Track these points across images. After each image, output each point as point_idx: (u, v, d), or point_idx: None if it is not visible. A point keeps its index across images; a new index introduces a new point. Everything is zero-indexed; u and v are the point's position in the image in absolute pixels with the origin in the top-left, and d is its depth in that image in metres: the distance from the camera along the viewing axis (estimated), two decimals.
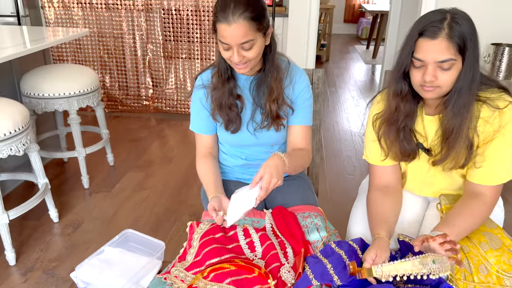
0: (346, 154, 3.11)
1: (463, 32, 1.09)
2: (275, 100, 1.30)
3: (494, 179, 1.21)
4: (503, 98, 1.18)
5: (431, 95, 1.15)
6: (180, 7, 3.47)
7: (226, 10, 1.14)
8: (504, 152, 1.19)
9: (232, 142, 1.43)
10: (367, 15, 7.51)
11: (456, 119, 1.16)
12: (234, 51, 1.19)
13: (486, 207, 1.23)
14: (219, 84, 1.32)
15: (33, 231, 2.16)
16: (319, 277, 1.11)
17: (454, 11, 1.12)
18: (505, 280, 1.14)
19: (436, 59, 1.09)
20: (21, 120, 1.88)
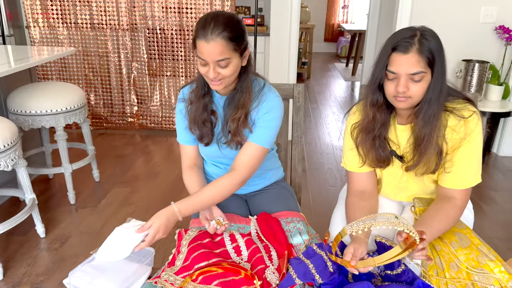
0: (327, 167, 3.21)
1: (431, 47, 1.20)
2: (238, 119, 1.34)
3: (463, 183, 1.31)
4: (467, 108, 1.28)
5: (404, 105, 1.25)
6: (165, 26, 3.56)
7: (206, 28, 1.21)
8: (470, 157, 1.30)
9: (206, 154, 1.50)
10: (346, 34, 7.75)
11: (427, 128, 1.26)
12: (211, 67, 1.25)
13: (457, 209, 1.32)
14: (195, 99, 1.39)
15: (19, 246, 2.17)
16: (302, 277, 1.17)
17: (423, 28, 1.23)
18: (474, 275, 1.22)
19: (408, 71, 1.20)
20: (10, 136, 1.92)
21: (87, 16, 3.56)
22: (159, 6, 3.51)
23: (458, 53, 3.37)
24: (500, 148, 3.52)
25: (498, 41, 3.32)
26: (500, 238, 2.34)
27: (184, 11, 3.51)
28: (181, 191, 2.79)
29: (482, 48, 3.35)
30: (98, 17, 3.56)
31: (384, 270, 1.26)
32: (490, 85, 3.33)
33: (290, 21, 3.47)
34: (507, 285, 1.20)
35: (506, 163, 3.37)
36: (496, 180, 3.10)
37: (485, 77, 3.25)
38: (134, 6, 3.53)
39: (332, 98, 5.22)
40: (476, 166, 1.31)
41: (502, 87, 3.31)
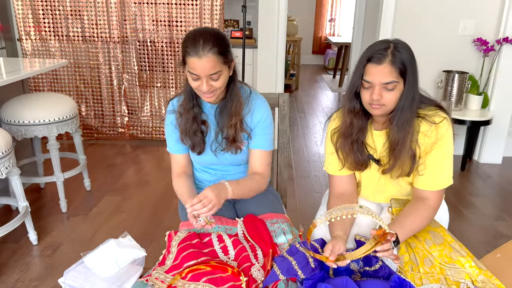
0: (314, 174, 3.30)
1: (403, 58, 1.30)
2: (234, 125, 1.45)
3: (436, 185, 1.40)
4: (439, 114, 1.38)
5: (378, 112, 1.35)
6: (155, 39, 3.65)
7: (197, 45, 1.29)
8: (442, 161, 1.39)
9: (199, 161, 1.58)
10: (333, 47, 7.92)
11: (400, 133, 1.35)
12: (204, 81, 1.33)
13: (430, 210, 1.41)
14: (184, 111, 1.47)
15: (12, 253, 2.21)
16: (285, 272, 1.25)
17: (396, 41, 1.33)
18: (447, 270, 1.31)
19: (381, 81, 1.29)
20: (4, 144, 1.97)
21: (79, 29, 3.64)
22: (149, 20, 3.60)
23: (438, 64, 3.51)
24: (480, 156, 3.64)
25: (477, 53, 3.47)
26: (479, 241, 2.43)
27: (174, 24, 3.60)
28: (171, 198, 2.85)
29: (462, 60, 3.49)
30: (90, 30, 3.64)
31: (363, 266, 1.34)
32: (469, 94, 3.46)
33: (277, 34, 3.59)
34: (477, 279, 1.29)
35: (486, 170, 3.49)
36: (476, 187, 3.21)
37: (465, 87, 3.39)
38: (125, 20, 3.61)
39: (320, 109, 5.34)
40: (447, 169, 1.40)
41: (481, 97, 3.45)
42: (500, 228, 2.57)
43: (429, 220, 1.42)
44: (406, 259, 1.35)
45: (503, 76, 3.40)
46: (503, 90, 3.44)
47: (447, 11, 3.39)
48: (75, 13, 3.62)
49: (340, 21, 8.27)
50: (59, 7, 3.58)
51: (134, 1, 3.56)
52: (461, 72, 3.38)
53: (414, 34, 3.45)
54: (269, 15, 3.57)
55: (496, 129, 3.53)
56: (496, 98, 3.47)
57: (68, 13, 3.60)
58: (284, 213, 1.60)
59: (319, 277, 1.24)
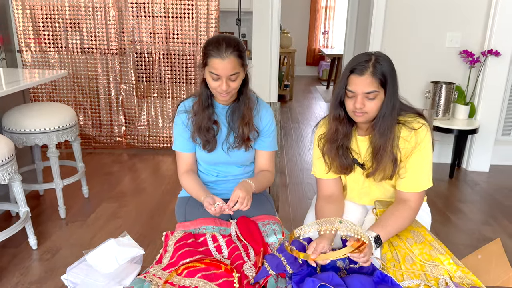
0: (307, 181, 3.39)
1: (383, 70, 1.40)
2: (247, 124, 1.59)
3: (416, 187, 1.50)
4: (418, 121, 1.48)
5: (361, 119, 1.44)
6: (152, 50, 3.76)
7: (220, 48, 1.44)
8: (421, 164, 1.48)
9: (208, 160, 1.67)
10: (326, 58, 8.06)
11: (382, 139, 1.45)
12: (223, 81, 1.47)
13: (411, 211, 1.50)
14: (199, 110, 1.58)
15: (12, 257, 2.27)
16: (274, 268, 1.33)
17: (377, 53, 1.43)
18: (427, 267, 1.39)
19: (363, 91, 1.39)
20: (7, 151, 2.05)
21: (78, 40, 3.74)
22: (147, 32, 3.71)
23: (426, 75, 3.63)
24: (469, 164, 3.75)
25: (463, 64, 3.60)
26: (465, 245, 2.52)
27: (170, 37, 3.71)
28: (168, 204, 2.93)
29: (449, 71, 3.62)
30: (88, 41, 3.74)
31: (348, 264, 1.42)
32: (457, 104, 3.58)
33: (270, 45, 3.71)
34: (455, 275, 1.38)
35: (474, 177, 3.59)
36: (464, 194, 3.31)
37: (452, 97, 3.51)
38: (123, 32, 3.72)
39: (313, 118, 5.45)
40: (427, 172, 1.49)
41: (468, 107, 3.57)
42: (485, 232, 2.67)
43: (410, 220, 1.50)
44: (389, 257, 1.43)
45: (488, 87, 3.53)
46: (489, 100, 3.56)
47: (434, 25, 3.52)
48: (75, 25, 3.72)
49: (333, 34, 8.45)
50: (58, 19, 3.69)
51: (132, 14, 3.67)
52: (448, 82, 3.50)
53: (402, 47, 3.58)
54: (263, 27, 3.70)
55: (483, 138, 3.65)
56: (482, 108, 3.59)
57: (67, 25, 3.71)
58: (275, 215, 1.69)
59: (306, 272, 1.32)
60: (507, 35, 3.40)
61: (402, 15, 3.52)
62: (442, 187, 3.38)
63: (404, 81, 3.87)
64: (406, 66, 3.58)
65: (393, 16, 3.52)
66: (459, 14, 3.49)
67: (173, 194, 3.12)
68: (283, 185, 3.29)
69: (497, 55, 3.41)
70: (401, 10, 3.50)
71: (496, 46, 3.42)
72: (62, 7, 3.66)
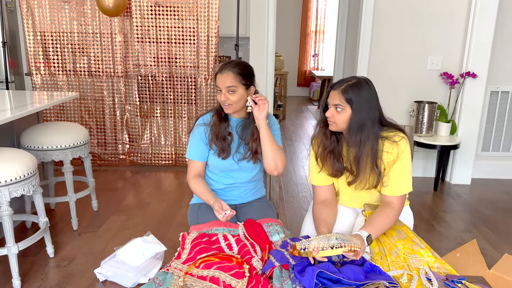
0: (302, 195, 3.63)
1: (354, 91, 1.63)
2: (256, 139, 1.84)
3: (398, 191, 1.74)
4: (398, 134, 1.73)
5: (332, 127, 1.71)
6: (156, 73, 4.02)
7: (223, 67, 1.79)
8: (402, 172, 1.73)
9: (221, 167, 1.90)
10: (317, 79, 8.41)
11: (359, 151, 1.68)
12: (222, 93, 1.75)
13: (395, 212, 1.74)
14: (217, 121, 1.85)
15: (32, 265, 2.45)
16: (279, 260, 1.55)
17: (361, 78, 1.69)
18: (409, 259, 1.62)
19: (333, 102, 1.66)
20: (32, 165, 2.26)
21: (85, 64, 3.99)
22: (151, 56, 3.97)
23: (410, 96, 3.93)
24: (452, 177, 4.02)
25: (444, 85, 3.90)
26: (448, 249, 2.74)
27: (173, 60, 3.98)
28: (173, 216, 3.13)
29: (431, 91, 3.92)
30: (96, 65, 3.99)
31: (342, 258, 1.65)
32: (439, 122, 3.86)
33: (266, 68, 3.99)
34: (433, 266, 1.61)
35: (457, 190, 3.85)
36: (448, 204, 3.56)
37: (435, 116, 3.80)
38: (128, 56, 3.98)
39: (306, 137, 5.72)
40: (407, 178, 1.74)
41: (449, 124, 3.86)
42: (466, 238, 2.91)
43: (395, 220, 1.74)
44: (377, 251, 1.66)
45: (467, 106, 3.83)
46: (468, 118, 3.86)
47: (417, 49, 3.84)
48: (82, 50, 3.97)
49: (323, 56, 8.82)
50: (67, 44, 3.94)
51: (137, 40, 3.94)
52: (431, 102, 3.79)
53: (388, 69, 3.88)
54: (259, 51, 3.98)
55: (464, 153, 3.93)
56: (462, 125, 3.89)
57: (76, 50, 3.96)
58: (277, 218, 1.92)
59: (307, 263, 1.55)
60: (482, 58, 3.72)
61: (387, 40, 3.83)
62: (427, 199, 3.64)
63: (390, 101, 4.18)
64: (392, 87, 3.88)
65: (379, 41, 3.83)
66: (439, 40, 3.81)
67: (177, 207, 3.32)
68: (279, 198, 3.51)
69: (474, 77, 3.72)
70: (386, 36, 3.82)
71: (473, 69, 3.73)
72: (71, 33, 3.91)
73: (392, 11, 3.76)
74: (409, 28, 3.79)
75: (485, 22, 3.65)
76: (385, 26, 3.80)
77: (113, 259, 1.57)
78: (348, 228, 1.83)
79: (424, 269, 1.57)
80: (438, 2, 3.73)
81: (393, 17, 3.77)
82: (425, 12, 3.75)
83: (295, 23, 8.60)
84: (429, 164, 4.10)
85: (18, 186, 2.16)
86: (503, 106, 4.00)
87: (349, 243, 1.48)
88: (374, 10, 3.75)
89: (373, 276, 1.51)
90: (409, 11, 3.76)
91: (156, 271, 1.58)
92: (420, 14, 3.76)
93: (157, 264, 1.60)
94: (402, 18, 3.77)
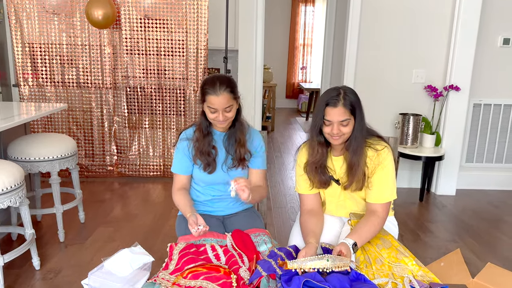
0: (290, 205, 3.65)
1: (351, 100, 1.70)
2: (243, 145, 1.87)
3: (382, 199, 1.79)
4: (381, 143, 1.79)
5: (338, 142, 1.74)
6: (145, 85, 4.04)
7: (215, 87, 1.75)
8: (385, 179, 1.78)
9: (207, 180, 1.92)
10: (305, 92, 8.50)
11: (355, 157, 1.74)
12: (220, 113, 1.76)
13: (380, 219, 1.78)
14: (200, 137, 1.86)
15: (17, 277, 2.43)
16: (266, 270, 1.57)
17: (344, 87, 1.74)
18: (394, 267, 1.66)
19: (338, 119, 1.69)
20: (19, 177, 2.26)
21: (74, 76, 3.99)
22: (140, 68, 4.00)
23: (395, 108, 4.00)
24: (437, 188, 4.09)
25: (428, 98, 3.99)
26: (433, 258, 2.78)
27: (162, 72, 4.01)
28: (160, 228, 3.13)
29: (415, 103, 4.00)
30: (84, 77, 4.00)
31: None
32: (424, 134, 3.94)
33: (254, 81, 4.03)
34: (417, 274, 1.64)
35: (442, 201, 3.92)
36: (433, 215, 3.62)
37: (419, 127, 3.87)
38: (117, 68, 4.00)
39: (294, 148, 5.76)
40: (390, 187, 1.78)
41: (434, 136, 3.93)
42: (451, 247, 2.95)
43: (380, 227, 1.78)
44: (362, 259, 1.69)
45: (451, 118, 3.92)
46: (452, 129, 3.94)
47: (401, 63, 3.93)
48: (71, 62, 3.98)
49: (311, 69, 8.93)
50: (56, 56, 3.94)
51: (126, 52, 3.96)
52: (416, 114, 3.87)
53: (374, 82, 3.95)
54: (248, 63, 4.02)
55: (449, 165, 4.00)
56: (447, 137, 3.97)
57: (64, 61, 3.96)
58: (265, 228, 1.94)
59: (294, 273, 1.57)
60: (465, 72, 3.82)
61: (372, 54, 3.91)
62: (413, 209, 3.69)
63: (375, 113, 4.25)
64: (377, 99, 3.95)
65: (364, 55, 3.91)
66: (423, 54, 3.91)
67: (165, 218, 3.32)
68: (268, 208, 3.53)
69: (457, 89, 3.82)
70: (371, 49, 3.90)
71: (456, 82, 3.83)
72: (60, 45, 3.92)
73: (377, 26, 3.85)
74: (394, 42, 3.88)
75: (467, 37, 3.75)
76: (370, 40, 3.88)
77: (100, 270, 1.57)
78: (335, 238, 1.86)
79: (408, 277, 1.61)
80: (422, 18, 3.83)
81: (378, 32, 3.86)
82: (409, 27, 3.85)
83: (283, 36, 8.71)
84: (414, 175, 4.16)
85: (5, 197, 2.15)
86: (486, 118, 4.10)
87: (341, 263, 1.51)
88: (359, 25, 3.84)
89: (358, 285, 1.53)
90: (394, 27, 3.85)
91: (144, 282, 1.58)
92: (405, 30, 3.85)
93: (144, 275, 1.61)
94: (387, 33, 3.87)
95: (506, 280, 1.94)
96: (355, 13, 3.81)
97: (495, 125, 4.11)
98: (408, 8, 3.82)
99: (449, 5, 3.81)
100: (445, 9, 3.82)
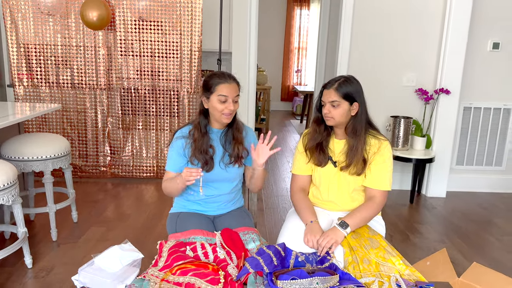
0: (282, 206, 3.69)
1: (347, 86, 1.83)
2: (240, 143, 1.94)
3: (379, 185, 1.90)
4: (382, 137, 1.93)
5: (330, 122, 1.88)
6: (139, 86, 4.07)
7: (225, 76, 1.86)
8: (383, 167, 1.89)
9: (209, 178, 1.94)
10: (300, 95, 8.55)
11: (354, 139, 1.87)
12: (230, 101, 1.82)
13: (376, 205, 1.89)
14: (199, 136, 1.90)
15: (9, 275, 2.44)
16: (254, 267, 1.60)
17: (347, 76, 1.88)
18: (381, 267, 1.69)
19: (328, 100, 1.82)
20: (12, 175, 2.28)
21: (68, 76, 4.02)
22: (134, 69, 4.03)
23: (386, 111, 4.05)
24: (428, 190, 4.14)
25: (419, 101, 4.04)
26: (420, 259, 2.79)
27: (156, 74, 4.04)
28: (153, 228, 3.15)
29: (406, 107, 4.05)
30: (79, 78, 4.02)
31: (317, 266, 1.71)
32: (414, 136, 3.99)
33: (248, 83, 4.07)
34: (404, 273, 1.68)
35: (432, 202, 3.97)
36: (423, 216, 3.66)
37: (410, 130, 3.92)
38: (111, 69, 4.02)
39: (288, 150, 5.80)
40: (388, 177, 1.90)
41: (424, 138, 3.99)
42: (439, 248, 2.98)
43: (373, 213, 1.89)
44: (350, 260, 1.73)
45: (441, 121, 3.97)
46: (443, 132, 3.99)
47: (393, 66, 3.98)
48: (66, 63, 4.00)
49: (306, 72, 8.99)
50: (51, 57, 3.96)
51: (121, 53, 3.99)
52: (407, 117, 3.92)
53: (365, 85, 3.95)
54: (241, 65, 4.06)
55: (439, 167, 4.05)
56: (437, 139, 4.02)
57: (59, 62, 3.99)
58: (254, 227, 1.97)
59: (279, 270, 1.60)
60: (455, 75, 3.88)
61: (364, 58, 3.96)
62: (403, 211, 3.73)
63: None
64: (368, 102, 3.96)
65: (356, 58, 3.96)
66: (414, 57, 3.97)
67: (158, 219, 3.34)
68: (259, 209, 3.57)
69: (448, 93, 3.87)
70: (363, 53, 3.95)
71: (446, 85, 3.88)
72: (55, 46, 3.95)
73: (368, 30, 3.91)
74: (386, 46, 3.94)
75: (457, 41, 3.81)
76: (362, 44, 3.94)
77: (91, 266, 1.60)
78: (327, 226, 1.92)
79: (394, 276, 1.65)
80: (413, 22, 3.89)
81: (370, 36, 3.92)
82: (400, 31, 3.91)
83: (279, 39, 8.77)
84: (405, 177, 4.21)
85: None
86: (476, 121, 4.16)
87: (330, 282, 1.54)
88: (351, 29, 3.89)
89: (344, 283, 1.57)
90: (385, 31, 3.91)
91: (133, 278, 1.61)
92: (396, 34, 3.91)
93: (134, 271, 1.63)
94: (378, 37, 3.92)
95: (491, 279, 1.99)
96: (347, 17, 3.87)
97: (485, 128, 4.17)
98: (399, 13, 3.88)
99: (439, 10, 3.87)
100: (436, 14, 3.88)
